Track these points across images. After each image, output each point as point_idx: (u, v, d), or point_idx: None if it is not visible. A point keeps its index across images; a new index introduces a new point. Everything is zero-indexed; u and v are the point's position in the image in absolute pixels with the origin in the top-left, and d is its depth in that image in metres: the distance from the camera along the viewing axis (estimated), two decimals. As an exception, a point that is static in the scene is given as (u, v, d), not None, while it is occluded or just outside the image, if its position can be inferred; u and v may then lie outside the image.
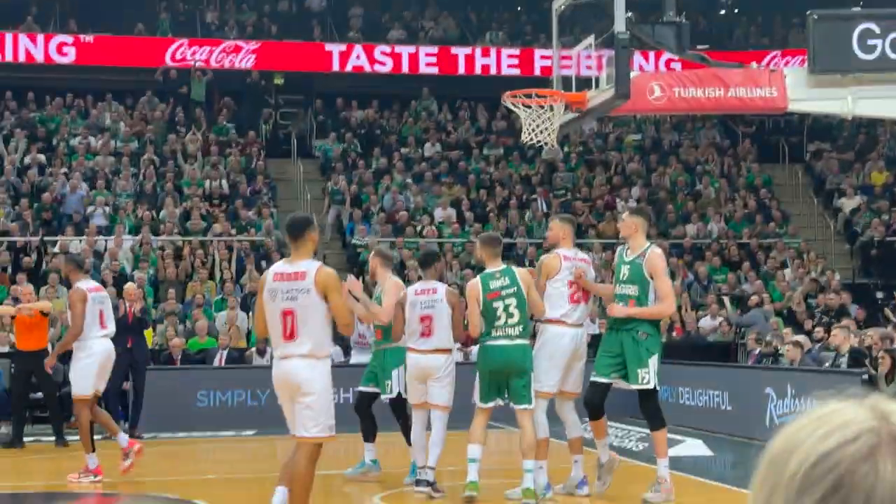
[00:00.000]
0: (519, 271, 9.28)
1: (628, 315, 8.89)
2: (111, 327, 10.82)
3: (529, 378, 8.97)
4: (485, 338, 9.05)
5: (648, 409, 9.14)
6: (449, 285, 10.95)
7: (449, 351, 9.67)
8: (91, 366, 10.52)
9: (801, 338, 14.79)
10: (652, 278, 8.93)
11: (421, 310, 9.58)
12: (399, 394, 10.19)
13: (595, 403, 9.13)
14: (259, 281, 7.38)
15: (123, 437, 10.88)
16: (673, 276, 21.59)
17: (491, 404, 9.05)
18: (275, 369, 7.25)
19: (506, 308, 8.95)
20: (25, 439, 14.11)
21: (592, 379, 9.16)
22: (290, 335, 6.98)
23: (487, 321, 8.96)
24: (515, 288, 9.01)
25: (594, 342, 10.77)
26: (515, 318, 8.96)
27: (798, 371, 13.60)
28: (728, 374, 15.28)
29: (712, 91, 12.87)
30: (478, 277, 9.25)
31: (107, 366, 10.79)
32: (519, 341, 9.00)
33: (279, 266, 7.23)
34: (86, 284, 10.81)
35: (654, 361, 8.92)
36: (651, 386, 8.91)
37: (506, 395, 9.07)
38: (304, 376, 6.98)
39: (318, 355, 7.03)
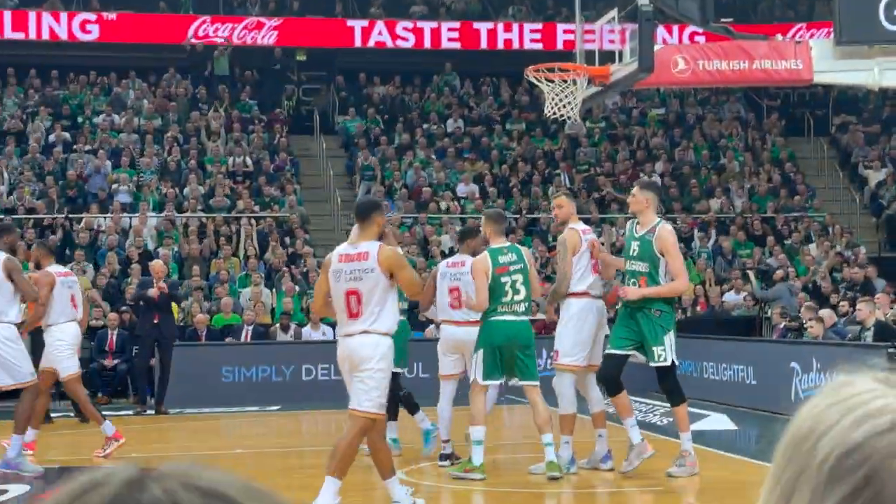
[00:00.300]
0: (524, 249, 9.46)
1: (642, 296, 8.81)
2: (80, 312, 10.90)
3: (534, 354, 9.09)
4: (490, 313, 9.05)
5: (668, 385, 9.09)
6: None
7: (479, 322, 9.69)
8: (68, 347, 10.64)
9: (824, 312, 14.71)
10: (663, 255, 8.84)
11: (450, 281, 9.76)
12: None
13: (611, 377, 9.02)
14: (324, 261, 7.62)
15: (110, 425, 11.01)
16: (690, 245, 21.52)
17: (491, 382, 9.06)
18: (339, 347, 7.40)
19: (513, 284, 9.02)
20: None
21: (607, 352, 9.10)
22: (355, 314, 7.16)
23: (494, 296, 8.98)
24: (522, 265, 9.13)
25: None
26: (521, 295, 9.04)
27: (823, 345, 13.54)
28: (753, 349, 15.23)
29: (737, 64, 12.78)
30: (486, 252, 9.25)
31: (77, 348, 10.94)
32: (524, 318, 9.12)
33: (343, 248, 7.41)
34: (55, 269, 10.85)
35: (669, 338, 8.85)
36: (668, 363, 8.84)
37: (507, 373, 9.10)
38: (365, 352, 7.15)
39: (381, 332, 7.19)
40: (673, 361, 8.90)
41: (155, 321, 14.88)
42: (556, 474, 8.84)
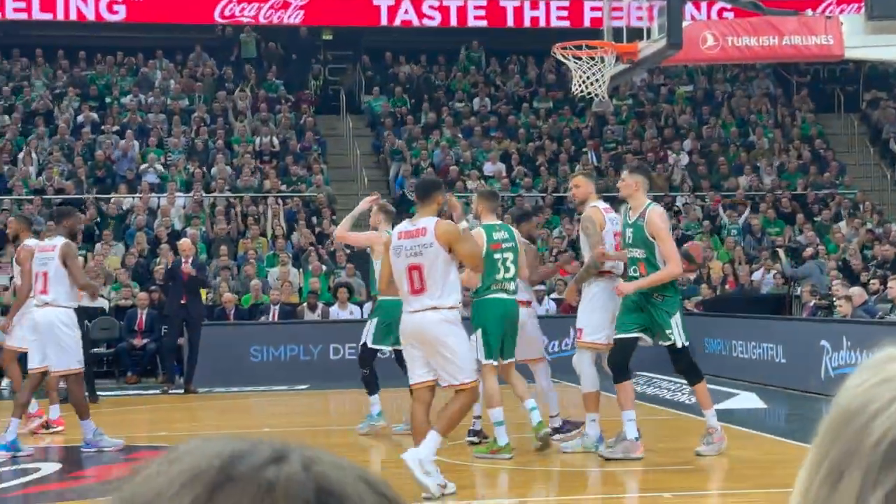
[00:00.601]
0: (514, 229, 9.45)
1: (637, 289, 8.67)
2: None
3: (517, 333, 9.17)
4: (485, 291, 9.03)
5: (682, 366, 8.98)
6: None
7: (526, 303, 9.64)
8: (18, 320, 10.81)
9: (854, 290, 14.59)
10: (654, 239, 8.65)
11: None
12: (365, 343, 10.44)
13: (620, 362, 8.86)
14: (385, 239, 7.83)
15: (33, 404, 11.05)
16: (717, 224, 21.38)
17: (492, 361, 9.03)
18: (406, 323, 7.54)
19: (504, 261, 9.05)
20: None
21: (616, 336, 8.92)
22: (419, 289, 7.35)
23: (488, 273, 8.93)
24: (513, 244, 9.18)
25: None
26: (511, 273, 9.09)
27: (853, 323, 13.42)
28: (783, 327, 15.13)
29: (766, 39, 12.65)
30: (480, 227, 9.23)
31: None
32: (514, 297, 9.15)
33: (403, 225, 7.63)
34: (34, 242, 10.76)
35: (676, 321, 8.69)
36: (679, 345, 8.69)
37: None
38: (440, 330, 7.34)
39: (448, 306, 7.37)
40: (684, 344, 8.74)
41: (182, 301, 14.95)
42: (546, 431, 9.02)
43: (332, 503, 0.67)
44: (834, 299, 14.99)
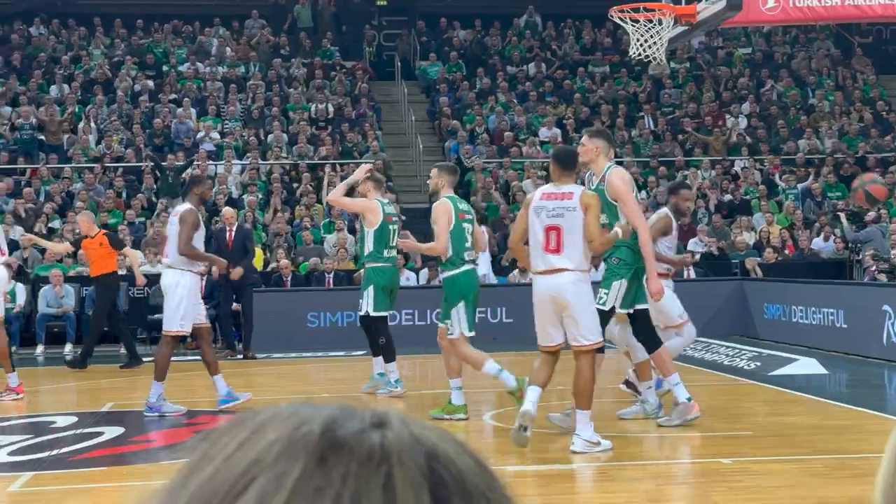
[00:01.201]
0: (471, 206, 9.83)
1: (603, 247, 8.26)
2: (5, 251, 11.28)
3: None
4: (459, 263, 9.11)
5: (639, 333, 8.65)
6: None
7: (666, 275, 9.41)
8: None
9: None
10: (616, 202, 8.29)
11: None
12: (367, 313, 10.56)
13: (641, 334, 8.69)
14: (525, 199, 8.02)
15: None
16: (775, 188, 21.08)
17: (472, 333, 9.12)
18: (539, 285, 7.73)
19: (468, 233, 9.21)
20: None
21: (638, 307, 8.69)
22: (555, 249, 7.61)
23: (458, 243, 9.08)
24: (472, 215, 9.44)
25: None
26: (470, 244, 9.24)
27: (917, 288, 13.22)
28: (844, 292, 14.93)
29: (828, 0, 12.41)
30: (445, 198, 9.29)
31: (3, 292, 11.32)
32: (475, 267, 9.37)
33: (547, 187, 7.92)
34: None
35: (618, 285, 8.39)
36: (606, 308, 8.33)
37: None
38: (573, 291, 7.60)
39: (582, 269, 7.66)
40: (612, 308, 8.40)
41: (228, 269, 15.06)
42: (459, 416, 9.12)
43: (441, 469, 0.65)
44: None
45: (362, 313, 10.78)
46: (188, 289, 9.84)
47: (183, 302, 9.81)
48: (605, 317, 8.36)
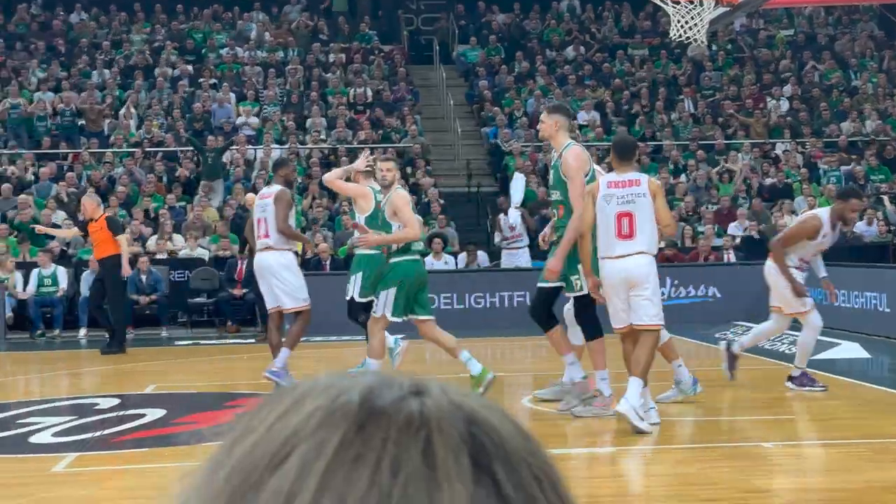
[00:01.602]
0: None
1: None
2: None
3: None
4: (406, 251, 9.15)
5: (583, 318, 8.50)
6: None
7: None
8: None
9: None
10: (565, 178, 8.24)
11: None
12: (352, 298, 10.51)
13: (538, 311, 8.72)
14: (591, 187, 8.05)
15: None
16: (816, 171, 20.86)
17: (397, 319, 9.15)
18: (609, 269, 7.84)
19: (420, 223, 9.48)
20: (180, 343, 14.58)
21: (538, 285, 8.81)
22: (628, 234, 7.80)
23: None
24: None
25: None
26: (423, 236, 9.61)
27: (962, 272, 13.05)
28: (887, 275, 14.77)
29: (872, -21, 12.24)
30: (398, 188, 9.44)
31: None
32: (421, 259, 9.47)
33: (611, 175, 8.04)
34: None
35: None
36: (584, 292, 8.28)
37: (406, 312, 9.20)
38: (643, 272, 7.83)
39: (652, 252, 7.93)
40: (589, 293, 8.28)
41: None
42: (491, 377, 9.10)
43: (481, 435, 0.64)
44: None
45: (348, 298, 10.68)
46: (295, 265, 10.40)
47: (295, 279, 10.33)
48: (588, 304, 8.38)
